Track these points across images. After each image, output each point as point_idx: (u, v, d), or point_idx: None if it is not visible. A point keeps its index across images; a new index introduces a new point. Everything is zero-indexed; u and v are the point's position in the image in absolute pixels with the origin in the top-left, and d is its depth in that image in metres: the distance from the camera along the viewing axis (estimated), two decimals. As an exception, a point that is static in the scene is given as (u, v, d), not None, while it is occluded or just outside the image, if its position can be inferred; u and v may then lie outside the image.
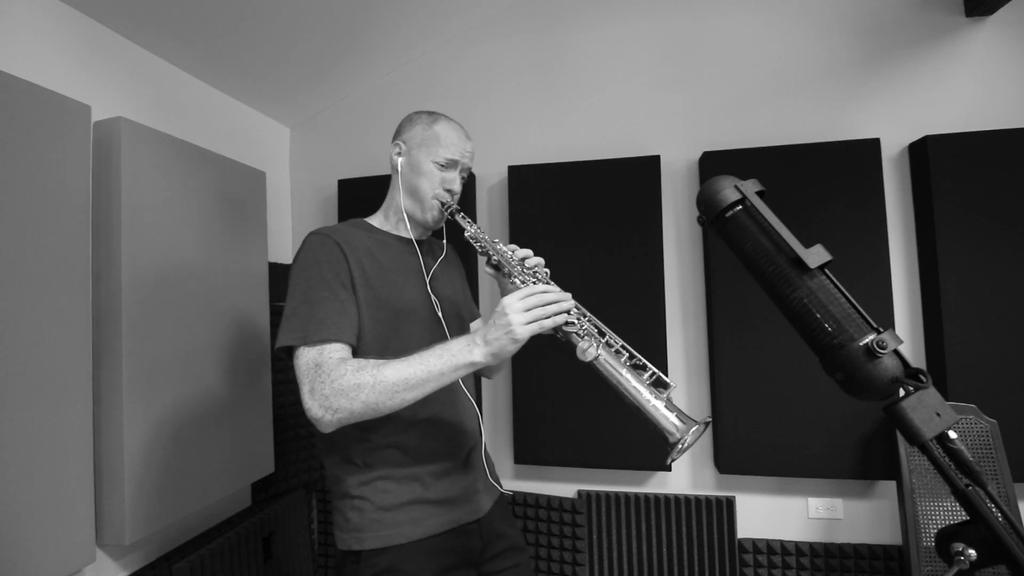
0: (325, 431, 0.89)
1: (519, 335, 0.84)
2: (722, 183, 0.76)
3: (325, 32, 1.86)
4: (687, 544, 1.84)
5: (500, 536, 1.08)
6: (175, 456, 1.43)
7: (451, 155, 1.07)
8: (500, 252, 1.01)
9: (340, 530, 0.98)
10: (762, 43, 1.92)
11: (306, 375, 0.89)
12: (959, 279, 1.64)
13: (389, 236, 1.11)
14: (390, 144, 1.14)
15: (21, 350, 1.08)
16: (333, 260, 0.97)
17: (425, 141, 1.08)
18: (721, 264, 1.81)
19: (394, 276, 1.04)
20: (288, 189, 2.35)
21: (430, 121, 1.10)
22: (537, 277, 0.97)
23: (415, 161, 1.08)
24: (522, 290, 0.88)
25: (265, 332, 1.81)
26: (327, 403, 0.86)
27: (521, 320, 0.84)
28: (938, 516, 1.54)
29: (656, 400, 0.82)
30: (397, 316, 1.01)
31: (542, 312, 0.85)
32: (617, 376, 0.84)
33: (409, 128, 1.11)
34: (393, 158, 1.12)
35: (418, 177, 1.08)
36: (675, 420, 0.80)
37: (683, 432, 0.78)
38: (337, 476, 1.01)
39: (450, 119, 1.12)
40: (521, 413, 1.95)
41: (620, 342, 0.90)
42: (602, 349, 0.86)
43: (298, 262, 0.99)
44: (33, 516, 1.09)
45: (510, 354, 0.86)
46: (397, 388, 0.85)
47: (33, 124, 1.13)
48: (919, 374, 0.61)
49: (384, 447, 0.98)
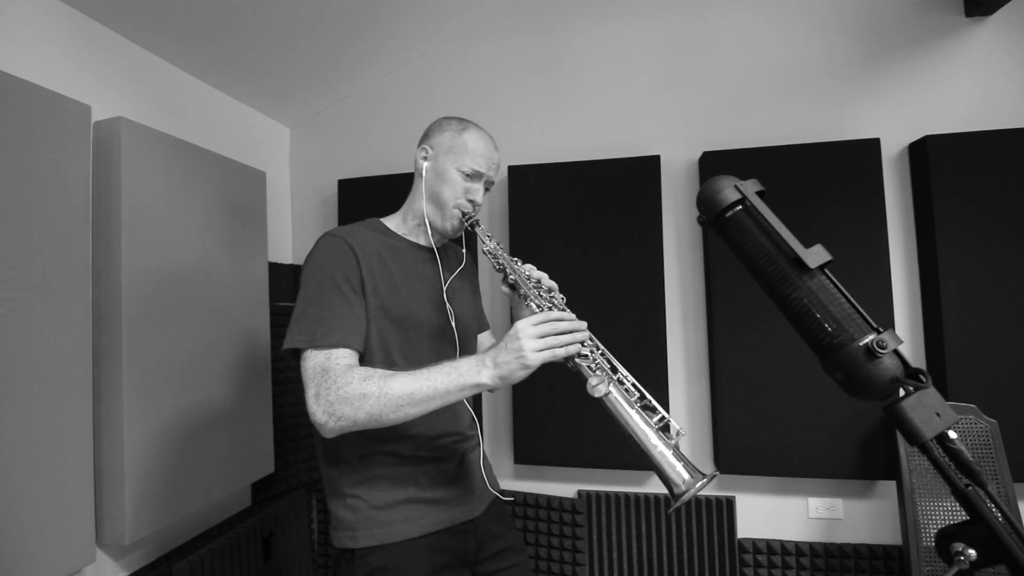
0: (328, 436, 0.89)
1: (530, 362, 0.82)
2: (722, 183, 0.76)
3: (325, 32, 1.86)
4: (687, 544, 1.84)
5: (496, 537, 1.08)
6: (175, 456, 1.43)
7: (477, 166, 1.06)
8: (517, 271, 1.00)
9: (335, 528, 0.99)
10: (762, 43, 1.92)
11: (312, 379, 0.88)
12: (959, 279, 1.64)
13: (403, 241, 1.10)
14: (416, 148, 1.12)
15: (21, 350, 1.08)
16: (345, 263, 0.97)
17: (453, 148, 1.06)
18: (721, 264, 1.81)
19: (402, 285, 1.03)
20: (288, 189, 2.35)
21: (460, 129, 1.09)
22: (553, 303, 0.95)
23: (440, 167, 1.07)
24: (537, 315, 0.87)
25: (265, 332, 1.81)
26: (331, 409, 0.85)
27: (533, 347, 0.83)
28: (938, 516, 1.54)
29: (664, 447, 0.80)
30: (400, 326, 1.00)
31: (555, 341, 0.84)
32: (626, 417, 0.82)
33: (438, 133, 1.10)
34: (418, 162, 1.10)
35: (442, 184, 1.06)
36: (681, 471, 0.78)
37: (689, 485, 0.77)
38: (332, 475, 1.01)
39: (480, 128, 1.11)
40: (521, 413, 1.95)
41: (631, 380, 0.88)
42: (613, 386, 0.84)
43: (310, 263, 0.98)
44: (33, 516, 1.09)
45: (519, 379, 0.84)
46: (402, 402, 0.85)
47: (33, 124, 1.13)
48: (919, 374, 0.61)
49: (379, 448, 0.99)
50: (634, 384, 0.88)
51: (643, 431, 0.81)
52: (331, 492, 1.02)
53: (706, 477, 0.77)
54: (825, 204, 1.75)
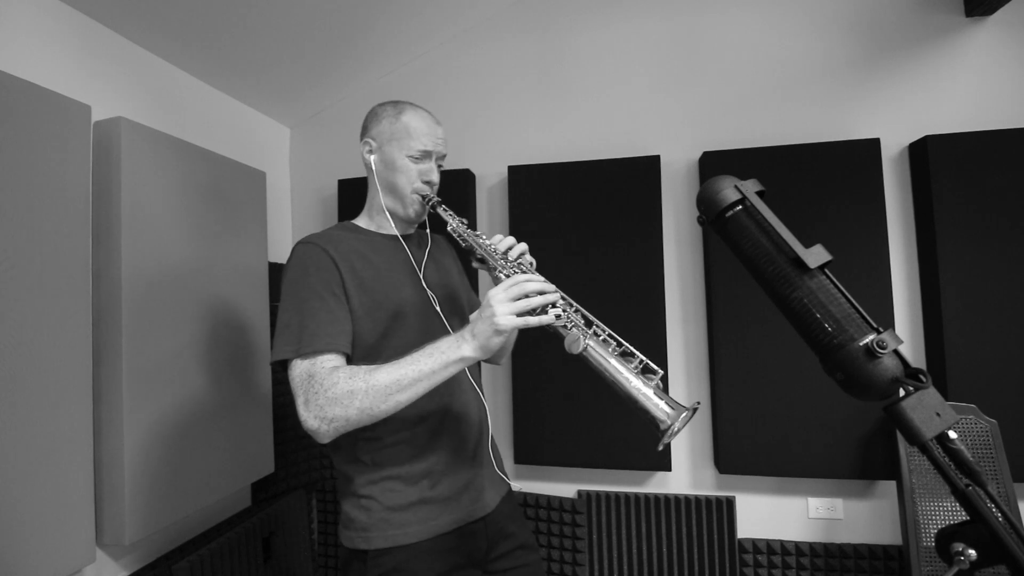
0: (323, 441, 0.89)
1: (502, 325, 0.83)
2: (722, 183, 0.75)
3: (325, 32, 1.86)
4: (687, 544, 1.84)
5: (507, 536, 1.08)
6: (175, 456, 1.43)
7: (424, 146, 1.05)
8: (483, 246, 1.00)
9: (347, 528, 0.99)
10: (762, 43, 1.92)
11: (300, 387, 0.89)
12: (959, 279, 1.64)
13: (376, 236, 1.10)
14: (359, 143, 1.11)
15: (21, 350, 1.08)
16: (322, 268, 0.97)
17: (395, 135, 1.05)
18: (721, 264, 1.81)
19: (388, 275, 1.04)
20: (288, 189, 2.35)
21: (396, 113, 1.07)
22: (521, 268, 0.96)
23: (388, 158, 1.06)
24: (505, 281, 0.88)
25: (265, 332, 1.81)
26: (322, 413, 0.86)
27: (504, 311, 0.83)
28: (938, 516, 1.54)
29: (645, 387, 0.81)
30: (395, 314, 1.01)
31: (526, 304, 0.85)
32: (606, 365, 0.84)
33: (376, 123, 1.08)
34: (365, 157, 1.09)
35: (394, 173, 1.06)
36: (664, 407, 0.79)
37: (672, 419, 0.78)
38: (346, 474, 1.01)
39: (416, 106, 1.09)
40: (521, 413, 1.95)
41: (607, 331, 0.89)
42: (590, 339, 0.85)
43: (287, 273, 0.98)
44: (33, 516, 1.09)
45: (497, 346, 0.85)
46: (390, 390, 0.85)
47: (33, 124, 1.13)
48: (919, 374, 0.61)
49: (392, 444, 0.99)
50: (610, 335, 0.89)
51: (624, 377, 0.83)
52: (344, 491, 1.02)
53: (688, 409, 0.79)
54: (825, 204, 1.75)
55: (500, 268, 0.97)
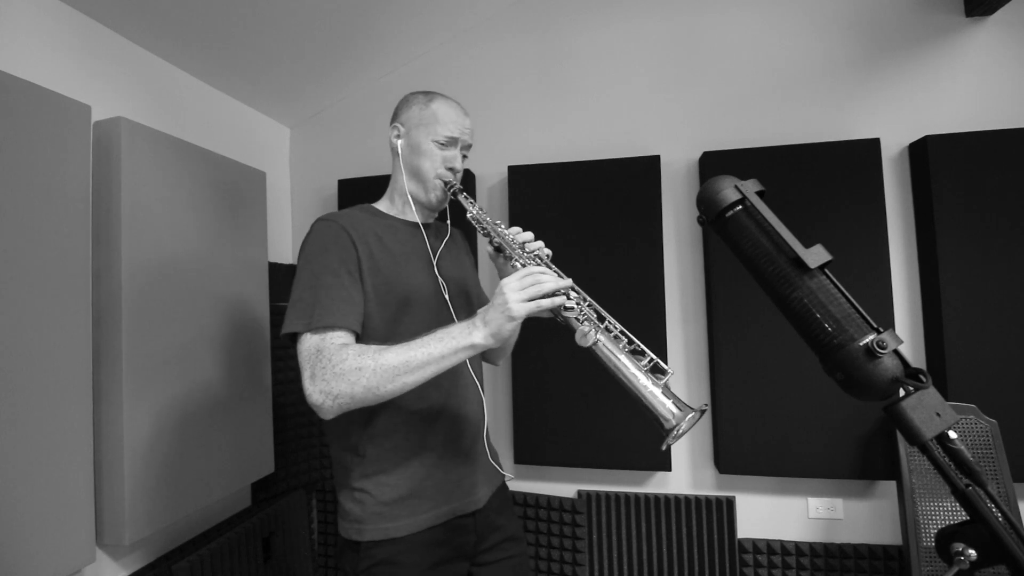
0: (326, 417, 0.90)
1: (515, 313, 0.84)
2: (722, 183, 0.76)
3: (325, 32, 1.86)
4: (687, 544, 1.84)
5: (496, 528, 1.09)
6: (175, 456, 1.43)
7: (450, 132, 1.07)
8: (502, 235, 1.01)
9: (342, 518, 1.01)
10: (762, 43, 1.92)
11: (308, 361, 0.90)
12: (959, 279, 1.64)
13: (396, 220, 1.11)
14: (389, 128, 1.13)
15: (21, 350, 1.08)
16: (340, 246, 0.98)
17: (423, 120, 1.08)
18: (721, 264, 1.81)
19: (403, 261, 1.04)
20: (288, 189, 2.35)
21: (426, 100, 1.10)
22: (538, 259, 0.97)
23: (415, 142, 1.08)
24: (520, 271, 0.89)
25: (266, 333, 1.81)
26: (327, 388, 0.86)
27: (517, 298, 0.84)
28: (938, 516, 1.54)
29: (653, 387, 0.81)
30: (406, 300, 1.02)
31: (538, 291, 0.86)
32: (615, 362, 0.84)
33: (406, 109, 1.11)
34: (392, 141, 1.12)
35: (419, 158, 1.08)
36: (671, 407, 0.79)
37: (679, 419, 0.78)
38: (342, 464, 1.02)
39: (446, 96, 1.12)
40: (521, 413, 1.95)
41: (619, 327, 0.89)
42: (601, 334, 0.85)
43: (305, 248, 0.99)
44: (33, 516, 1.09)
45: (508, 333, 0.86)
46: (398, 371, 0.85)
47: (33, 124, 1.12)
48: (919, 374, 0.61)
49: (387, 434, 0.99)
50: (622, 331, 0.89)
51: (632, 374, 0.83)
52: (340, 481, 1.03)
53: (696, 410, 0.79)
54: (825, 204, 1.75)
55: (517, 257, 0.98)
